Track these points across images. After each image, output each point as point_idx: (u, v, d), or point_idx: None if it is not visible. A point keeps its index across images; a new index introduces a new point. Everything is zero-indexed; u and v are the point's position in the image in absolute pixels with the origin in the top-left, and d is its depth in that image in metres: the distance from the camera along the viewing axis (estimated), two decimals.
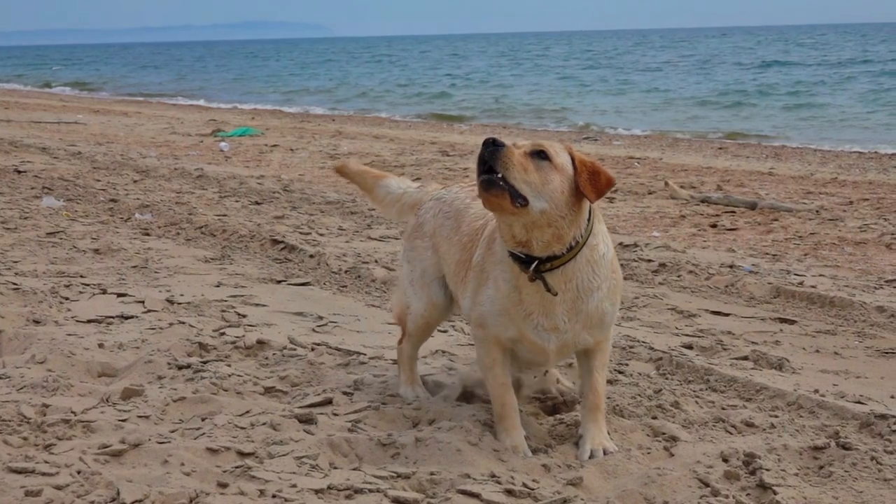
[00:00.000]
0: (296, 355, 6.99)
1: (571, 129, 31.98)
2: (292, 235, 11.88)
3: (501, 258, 5.28)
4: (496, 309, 5.33)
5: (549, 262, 5.09)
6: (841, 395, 6.46)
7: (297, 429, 5.54)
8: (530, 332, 5.28)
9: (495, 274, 5.34)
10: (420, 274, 6.13)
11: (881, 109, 34.91)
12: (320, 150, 23.36)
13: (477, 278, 5.48)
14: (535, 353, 5.41)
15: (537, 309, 5.23)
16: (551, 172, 5.04)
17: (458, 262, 5.77)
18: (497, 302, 5.32)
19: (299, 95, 52.76)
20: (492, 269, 5.37)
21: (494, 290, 5.34)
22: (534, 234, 5.03)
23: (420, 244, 6.15)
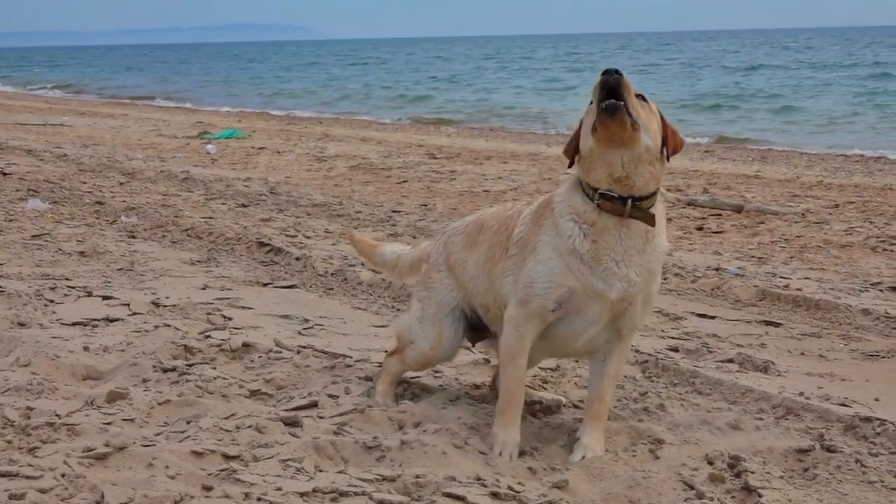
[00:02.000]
0: (281, 358, 6.97)
1: (557, 132, 32.00)
2: (279, 238, 11.86)
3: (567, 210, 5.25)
4: (551, 266, 5.25)
5: (639, 202, 5.13)
6: (826, 397, 6.48)
7: (283, 431, 5.52)
8: (595, 279, 5.19)
9: (547, 236, 5.30)
10: (435, 310, 5.98)
11: (867, 112, 35.03)
12: (307, 152, 23.35)
13: (521, 253, 5.42)
14: (590, 306, 5.26)
15: (608, 254, 5.18)
16: (651, 115, 5.15)
17: (490, 246, 5.69)
18: (553, 258, 5.25)
19: (284, 98, 52.74)
20: (541, 236, 5.33)
21: (550, 249, 5.27)
22: (636, 170, 5.07)
23: (436, 276, 6.02)
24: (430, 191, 17.09)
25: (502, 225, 5.70)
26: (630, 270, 5.20)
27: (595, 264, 5.18)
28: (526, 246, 5.41)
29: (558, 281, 5.23)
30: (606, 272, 5.18)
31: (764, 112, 36.58)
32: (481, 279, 5.76)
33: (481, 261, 5.76)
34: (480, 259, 5.77)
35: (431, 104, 46.15)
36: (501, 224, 5.72)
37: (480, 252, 5.78)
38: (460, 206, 15.06)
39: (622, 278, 5.20)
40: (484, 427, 5.62)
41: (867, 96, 41.01)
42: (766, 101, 41.01)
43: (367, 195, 16.43)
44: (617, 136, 5.01)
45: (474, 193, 16.68)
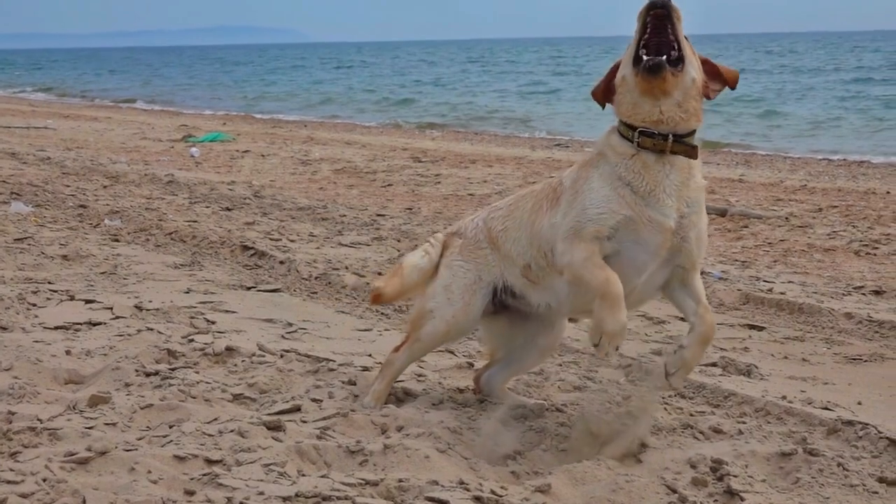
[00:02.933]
0: (265, 362, 6.96)
1: (541, 135, 32.03)
2: (263, 241, 11.84)
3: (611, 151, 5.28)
4: (605, 194, 5.23)
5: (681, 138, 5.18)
6: (808, 401, 6.49)
7: (266, 436, 5.51)
8: (650, 210, 5.19)
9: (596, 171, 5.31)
10: (472, 280, 5.87)
11: (850, 117, 35.13)
12: (292, 155, 23.32)
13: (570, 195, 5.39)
14: (648, 237, 5.22)
15: (657, 187, 5.18)
16: (692, 54, 5.19)
17: (534, 206, 5.64)
18: (606, 188, 5.24)
19: (268, 101, 52.68)
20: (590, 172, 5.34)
21: (601, 180, 5.26)
22: (682, 106, 5.13)
23: (478, 252, 5.89)
24: (415, 194, 17.09)
25: (547, 187, 5.69)
26: (680, 203, 5.22)
27: (647, 196, 5.20)
28: (576, 189, 5.38)
29: (613, 208, 5.21)
30: (659, 203, 5.19)
31: (748, 116, 36.63)
32: (524, 236, 5.68)
33: (525, 219, 5.70)
34: (524, 218, 5.70)
35: (416, 108, 46.14)
36: (546, 187, 5.70)
37: (524, 213, 5.72)
38: (445, 210, 15.06)
39: (675, 209, 5.21)
40: (467, 431, 5.62)
41: (851, 101, 41.15)
42: (750, 105, 41.07)
43: (351, 199, 16.41)
44: (659, 89, 5.06)
45: (459, 197, 16.68)
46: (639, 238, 5.23)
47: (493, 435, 5.62)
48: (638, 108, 5.18)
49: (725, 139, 29.15)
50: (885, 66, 66.06)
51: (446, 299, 5.91)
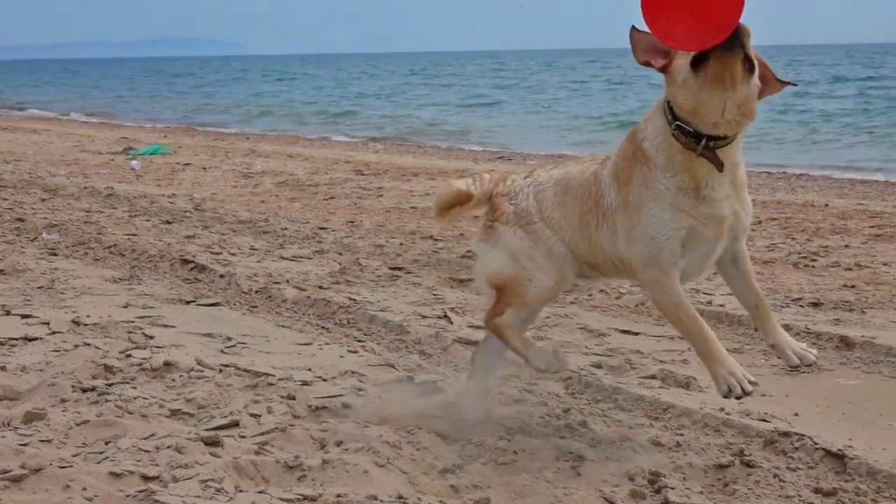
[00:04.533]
0: (203, 377, 6.92)
1: (483, 147, 32.11)
2: (203, 255, 11.77)
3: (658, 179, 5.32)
4: (661, 215, 5.33)
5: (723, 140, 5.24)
6: (746, 413, 6.54)
7: (203, 451, 5.48)
8: (705, 206, 5.30)
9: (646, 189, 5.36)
10: (546, 252, 5.84)
11: (791, 130, 35.49)
12: (233, 168, 23.20)
13: (623, 212, 5.48)
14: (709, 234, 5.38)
15: (704, 181, 5.27)
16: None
17: (581, 213, 5.71)
18: (661, 207, 5.33)
19: (210, 113, 52.42)
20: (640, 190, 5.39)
21: (654, 199, 5.34)
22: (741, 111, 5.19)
23: (537, 227, 5.88)
24: (357, 207, 17.05)
25: (585, 190, 5.71)
26: (729, 187, 5.35)
27: (700, 195, 5.30)
28: (628, 205, 5.45)
29: (675, 226, 5.33)
30: (712, 197, 5.31)
31: None
32: (582, 245, 5.76)
33: (576, 226, 5.76)
34: (575, 225, 5.76)
35: (358, 120, 46.11)
36: (584, 189, 5.72)
37: (572, 216, 5.77)
38: (387, 223, 15.05)
39: (724, 197, 5.33)
40: (406, 445, 5.61)
41: (790, 114, 41.59)
42: None
43: (293, 212, 16.35)
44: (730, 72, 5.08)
45: (401, 210, 16.67)
46: (703, 237, 5.40)
47: (432, 448, 5.62)
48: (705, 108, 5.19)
49: None
50: (822, 80, 66.90)
51: (539, 268, 5.86)
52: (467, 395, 6.29)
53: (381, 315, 9.06)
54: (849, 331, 8.67)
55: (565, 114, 46.08)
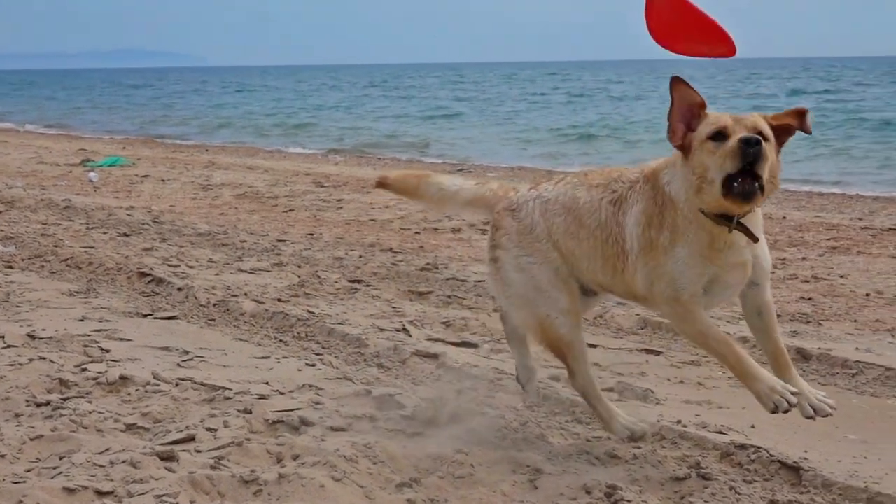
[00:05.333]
0: (159, 391, 6.87)
1: (443, 159, 32.12)
2: (160, 268, 11.69)
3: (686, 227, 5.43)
4: (687, 261, 5.44)
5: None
6: (703, 425, 6.57)
7: (158, 466, 5.44)
8: (729, 255, 5.41)
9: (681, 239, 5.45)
10: (550, 274, 5.95)
11: None
12: (192, 180, 23.11)
13: (650, 254, 5.55)
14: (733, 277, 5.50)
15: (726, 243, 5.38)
16: (771, 151, 5.27)
17: (603, 254, 5.79)
18: (689, 254, 5.43)
19: (169, 125, 52.17)
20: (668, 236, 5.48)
21: (684, 248, 5.44)
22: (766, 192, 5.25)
23: (540, 247, 5.98)
24: (317, 220, 17.02)
25: (604, 232, 5.78)
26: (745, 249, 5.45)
27: (723, 245, 5.39)
28: (655, 246, 5.53)
29: (699, 271, 5.44)
30: (735, 246, 5.41)
31: (647, 143, 37.06)
32: (606, 279, 5.84)
33: (595, 256, 5.83)
34: (596, 259, 5.83)
35: (318, 132, 46.02)
36: (603, 231, 5.78)
37: (590, 250, 5.84)
38: (347, 235, 15.02)
39: (746, 244, 5.42)
40: (363, 459, 5.59)
41: None
42: (651, 130, 41.59)
43: (252, 224, 16.30)
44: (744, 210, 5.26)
45: (361, 222, 16.65)
46: (724, 283, 5.52)
47: (389, 462, 5.60)
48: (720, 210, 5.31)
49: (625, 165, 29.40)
50: (780, 94, 67.40)
51: (547, 298, 5.96)
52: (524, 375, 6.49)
53: (340, 328, 9.03)
54: (805, 343, 8.73)
55: (525, 126, 46.19)
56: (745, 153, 5.08)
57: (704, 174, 5.24)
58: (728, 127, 5.23)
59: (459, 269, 12.14)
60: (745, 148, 5.08)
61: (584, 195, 5.92)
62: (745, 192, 5.11)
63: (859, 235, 15.22)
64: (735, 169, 5.11)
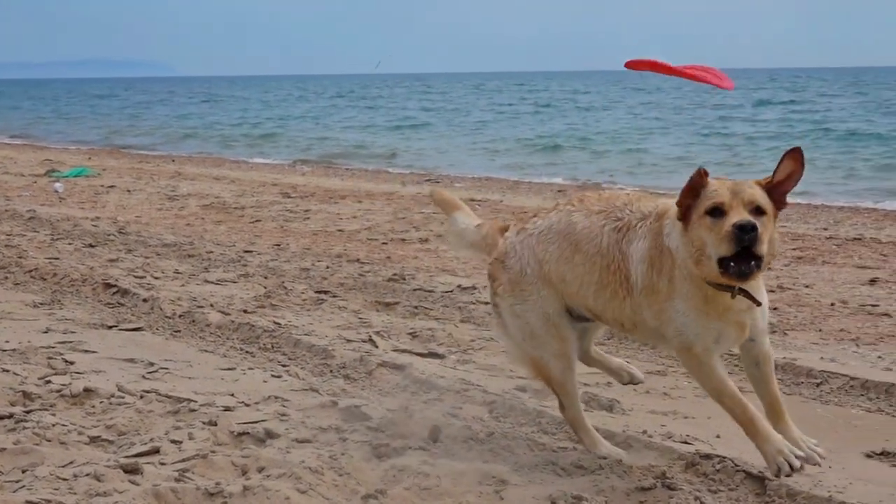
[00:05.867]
0: (124, 403, 6.83)
1: (410, 170, 32.12)
2: (126, 279, 11.63)
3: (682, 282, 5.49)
4: (694, 317, 5.51)
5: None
6: (668, 435, 6.58)
7: (122, 479, 5.41)
8: (732, 314, 5.49)
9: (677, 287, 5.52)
10: (542, 320, 6.08)
11: (717, 153, 35.86)
12: (159, 191, 23.02)
13: (652, 295, 5.61)
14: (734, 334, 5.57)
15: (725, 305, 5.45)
16: (769, 224, 5.32)
17: (599, 281, 5.83)
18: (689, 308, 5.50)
19: (135, 135, 51.96)
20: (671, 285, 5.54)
21: (686, 302, 5.50)
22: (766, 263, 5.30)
23: (529, 289, 6.10)
24: (284, 230, 16.98)
25: (604, 259, 5.80)
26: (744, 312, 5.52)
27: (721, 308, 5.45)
28: (655, 290, 5.59)
29: (705, 325, 5.50)
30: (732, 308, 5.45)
31: (617, 153, 37.17)
32: (599, 305, 5.89)
33: (591, 287, 5.88)
34: (590, 285, 5.88)
35: (284, 142, 45.95)
36: (603, 258, 5.81)
37: (585, 275, 5.89)
38: (314, 246, 14.99)
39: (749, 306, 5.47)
40: (328, 471, 5.57)
41: (717, 137, 42.09)
42: (616, 141, 41.74)
43: (219, 235, 16.24)
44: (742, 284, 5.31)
45: (328, 233, 16.62)
46: (727, 336, 5.57)
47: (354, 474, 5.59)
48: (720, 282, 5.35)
49: (593, 179, 29.46)
50: (746, 104, 67.76)
51: (539, 344, 6.12)
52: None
53: (306, 339, 9.01)
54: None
55: (493, 136, 46.26)
56: (740, 239, 5.14)
57: (702, 248, 5.30)
58: (725, 203, 5.27)
59: (426, 279, 12.14)
60: (739, 234, 5.13)
61: (582, 220, 5.97)
62: (741, 273, 5.19)
63: (824, 245, 15.31)
64: (730, 252, 5.18)
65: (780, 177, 5.43)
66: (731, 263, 5.18)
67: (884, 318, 10.36)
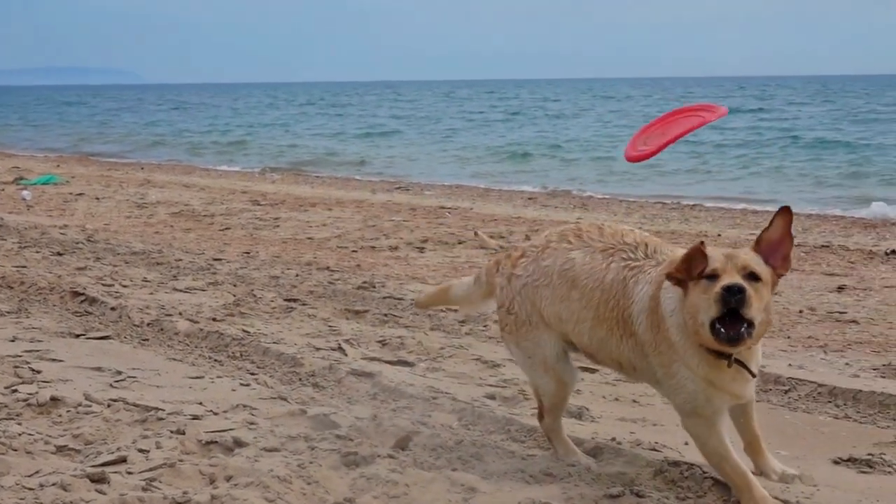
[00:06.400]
0: (91, 412, 6.79)
1: (380, 178, 32.13)
2: (94, 287, 11.57)
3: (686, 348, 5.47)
4: (695, 387, 5.51)
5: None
6: (637, 442, 6.59)
7: (89, 489, 5.37)
8: (729, 383, 5.49)
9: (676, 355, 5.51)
10: (542, 360, 6.17)
11: (686, 161, 35.98)
12: (127, 198, 22.94)
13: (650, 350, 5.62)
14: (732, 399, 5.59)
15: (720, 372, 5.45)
16: (763, 290, 5.31)
17: (595, 318, 5.84)
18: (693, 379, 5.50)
19: (104, 143, 51.77)
20: (670, 350, 5.53)
21: (685, 371, 5.51)
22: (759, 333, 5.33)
23: (527, 331, 6.17)
24: (253, 238, 16.95)
25: (604, 295, 5.78)
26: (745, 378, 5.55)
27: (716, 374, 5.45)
28: (657, 347, 5.58)
29: (708, 394, 5.49)
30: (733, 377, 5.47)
31: (586, 161, 37.26)
32: (594, 344, 5.93)
33: (587, 324, 5.89)
34: (586, 322, 5.89)
35: (254, 150, 45.88)
36: (604, 295, 5.79)
37: (581, 311, 5.89)
38: (283, 254, 14.96)
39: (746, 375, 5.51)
40: (297, 480, 5.55)
41: (686, 145, 42.24)
42: (588, 149, 41.86)
43: (188, 243, 16.19)
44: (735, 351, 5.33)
45: (298, 241, 16.60)
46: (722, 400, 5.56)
47: (323, 482, 5.57)
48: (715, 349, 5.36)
49: (563, 186, 29.49)
50: None
51: (541, 377, 6.22)
52: None
53: (275, 347, 8.98)
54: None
55: (463, 144, 46.31)
56: (727, 301, 5.13)
57: (696, 315, 5.29)
58: (719, 268, 5.28)
59: (396, 287, 12.13)
60: (726, 296, 5.13)
61: (582, 258, 5.96)
62: (730, 339, 5.18)
63: (793, 253, 15.36)
64: (718, 314, 5.17)
65: (773, 235, 5.47)
66: (720, 328, 5.18)
67: (851, 325, 10.43)
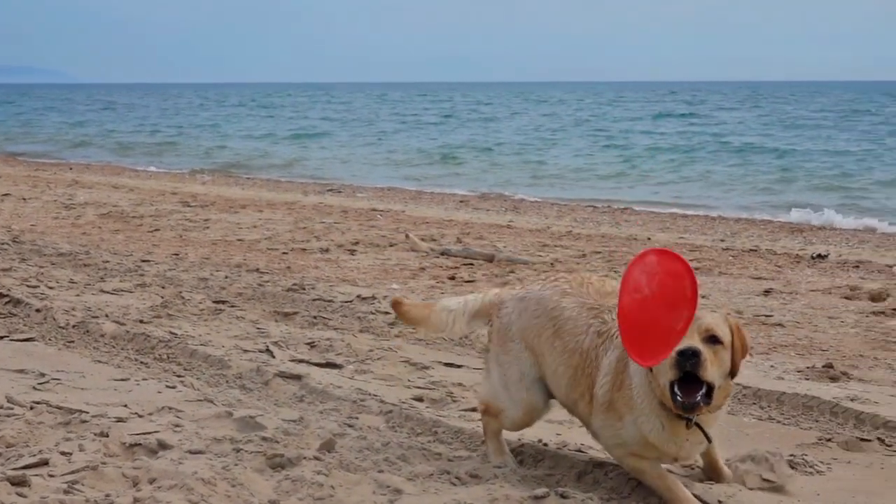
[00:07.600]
0: (13, 415, 6.70)
1: (313, 179, 32.03)
2: (19, 289, 11.41)
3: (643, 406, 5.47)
4: (642, 440, 5.51)
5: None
6: (563, 444, 6.62)
7: (9, 492, 5.29)
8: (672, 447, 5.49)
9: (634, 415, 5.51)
10: (518, 377, 6.11)
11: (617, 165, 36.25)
12: (55, 199, 22.67)
13: (609, 409, 5.62)
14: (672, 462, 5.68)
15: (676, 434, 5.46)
16: (723, 353, 5.30)
17: (573, 378, 5.84)
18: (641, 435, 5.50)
19: (31, 143, 51.13)
20: (628, 411, 5.53)
21: (635, 428, 5.51)
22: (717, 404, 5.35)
23: (513, 346, 6.13)
24: (183, 239, 16.81)
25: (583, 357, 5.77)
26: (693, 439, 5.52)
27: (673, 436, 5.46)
28: (614, 408, 5.58)
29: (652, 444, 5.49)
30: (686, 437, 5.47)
31: (518, 164, 37.39)
32: (564, 391, 5.92)
33: (562, 374, 5.88)
34: (562, 373, 5.89)
35: (185, 150, 45.57)
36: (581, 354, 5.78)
37: (560, 365, 5.88)
38: (213, 256, 14.86)
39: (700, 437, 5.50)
40: (221, 482, 5.51)
41: (617, 150, 42.56)
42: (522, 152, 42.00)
43: (116, 244, 16.03)
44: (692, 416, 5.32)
45: (228, 242, 16.49)
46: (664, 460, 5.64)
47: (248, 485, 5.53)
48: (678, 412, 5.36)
49: (494, 190, 29.56)
50: (646, 117, 68.64)
51: (509, 399, 6.15)
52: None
53: (202, 349, 8.92)
54: None
55: (395, 147, 46.30)
56: (681, 365, 5.15)
57: (658, 377, 5.32)
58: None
59: (326, 289, 12.09)
60: (680, 360, 5.15)
61: (572, 310, 5.96)
62: (685, 406, 5.20)
63: (721, 256, 15.56)
64: (674, 377, 5.19)
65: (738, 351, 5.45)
66: (676, 393, 5.20)
67: (777, 328, 10.56)
